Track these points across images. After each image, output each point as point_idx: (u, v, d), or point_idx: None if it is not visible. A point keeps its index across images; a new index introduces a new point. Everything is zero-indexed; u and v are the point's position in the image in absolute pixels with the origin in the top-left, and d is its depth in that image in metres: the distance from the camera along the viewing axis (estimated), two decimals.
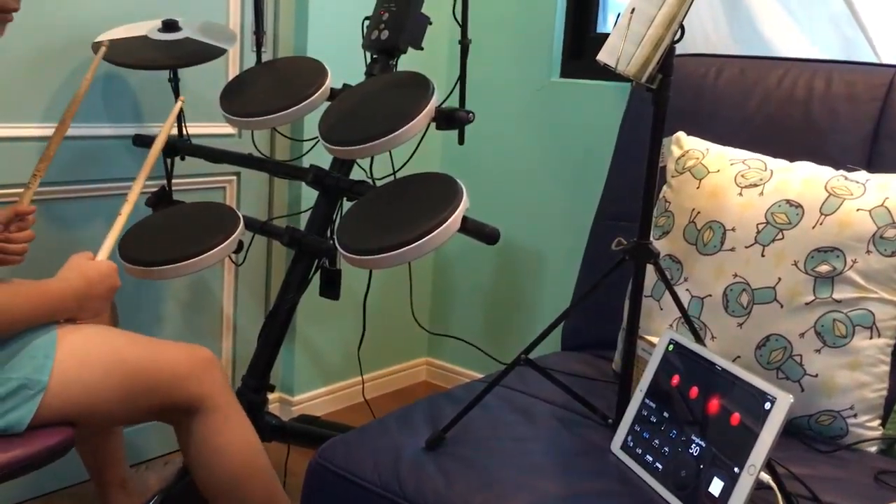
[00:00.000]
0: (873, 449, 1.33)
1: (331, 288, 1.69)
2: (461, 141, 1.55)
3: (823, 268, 1.33)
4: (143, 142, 1.83)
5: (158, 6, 1.83)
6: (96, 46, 1.66)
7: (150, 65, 1.71)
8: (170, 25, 1.74)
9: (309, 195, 2.09)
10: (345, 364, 2.38)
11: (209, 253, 1.50)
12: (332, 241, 1.64)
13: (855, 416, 1.32)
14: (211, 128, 1.97)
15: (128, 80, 1.86)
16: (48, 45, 1.71)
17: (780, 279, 1.36)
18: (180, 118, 1.81)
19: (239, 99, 1.68)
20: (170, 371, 1.29)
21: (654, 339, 1.37)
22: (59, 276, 1.29)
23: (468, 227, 1.34)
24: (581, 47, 2.30)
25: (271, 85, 1.71)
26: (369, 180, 1.75)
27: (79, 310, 1.29)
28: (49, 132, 1.53)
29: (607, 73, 1.19)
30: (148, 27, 1.76)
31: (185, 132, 1.82)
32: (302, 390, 2.32)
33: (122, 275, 1.44)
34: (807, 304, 1.33)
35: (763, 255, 1.38)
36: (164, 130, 1.57)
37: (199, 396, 1.31)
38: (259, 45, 1.81)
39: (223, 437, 1.34)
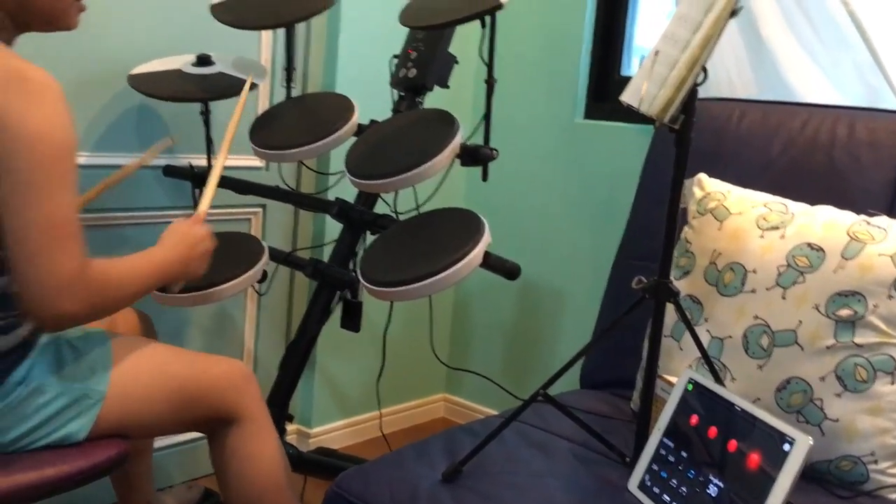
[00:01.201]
0: (894, 496, 1.31)
1: (352, 320, 1.70)
2: (485, 177, 1.57)
3: (845, 312, 1.33)
4: (174, 172, 1.87)
5: (193, 41, 1.88)
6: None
7: (182, 97, 1.75)
8: (203, 60, 1.79)
9: (332, 228, 2.12)
10: (363, 397, 2.39)
11: (235, 281, 1.53)
12: (354, 273, 1.67)
13: (876, 462, 1.31)
14: (239, 160, 2.01)
15: (160, 112, 1.91)
16: (85, 77, 1.76)
17: (800, 322, 1.36)
18: (209, 147, 1.85)
19: (268, 132, 1.72)
20: (213, 383, 1.33)
21: (673, 379, 1.37)
22: (163, 244, 1.33)
23: (490, 261, 1.36)
24: (605, 90, 2.32)
25: (300, 119, 1.74)
26: (393, 214, 1.77)
27: (184, 274, 1.35)
28: (82, 161, 1.57)
29: (630, 116, 1.21)
30: (182, 61, 1.80)
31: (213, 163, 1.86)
32: (320, 422, 2.33)
33: (149, 301, 1.47)
34: (828, 347, 1.33)
35: (784, 298, 1.38)
36: (238, 106, 1.60)
37: (237, 408, 1.35)
38: (289, 80, 1.85)
39: (254, 447, 1.37)
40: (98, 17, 1.74)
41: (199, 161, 1.90)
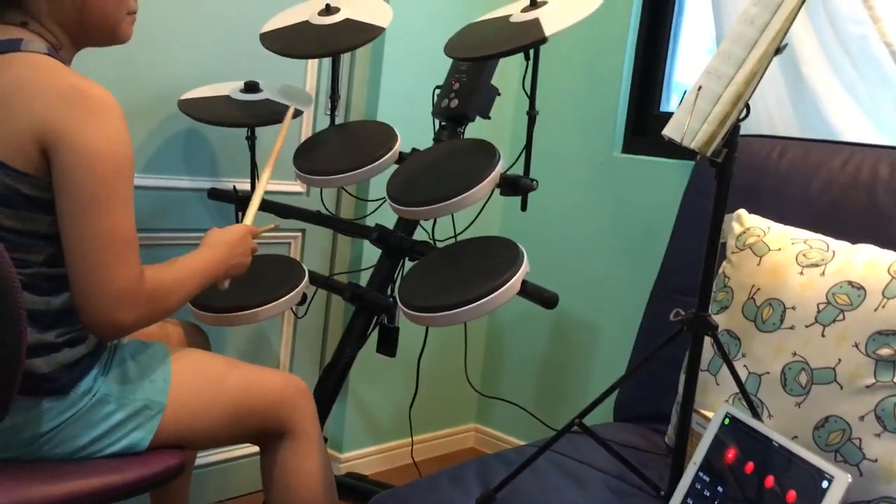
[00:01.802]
0: None
1: (388, 345, 1.72)
2: (524, 207, 1.59)
3: (885, 351, 1.32)
4: (218, 195, 1.91)
5: (242, 68, 1.93)
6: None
7: (229, 122, 1.79)
8: (251, 86, 1.84)
9: (370, 253, 2.15)
10: (394, 424, 2.39)
11: (275, 303, 1.55)
12: (392, 299, 1.68)
13: None
14: (281, 185, 2.05)
15: (207, 137, 1.95)
16: (138, 101, 1.82)
17: (840, 360, 1.35)
18: (254, 172, 1.89)
19: (312, 158, 1.75)
20: (268, 397, 1.35)
21: (709, 414, 1.37)
22: (205, 247, 1.36)
23: (528, 290, 1.37)
24: (643, 125, 2.34)
25: (343, 146, 1.78)
26: (431, 241, 1.79)
27: (227, 273, 1.38)
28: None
29: (668, 151, 1.22)
30: (230, 87, 1.85)
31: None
32: (351, 448, 2.34)
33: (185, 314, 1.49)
34: (867, 386, 1.32)
35: (823, 336, 1.37)
36: (281, 133, 1.64)
37: (290, 422, 1.37)
38: (333, 108, 1.89)
39: (302, 463, 1.38)
40: (152, 44, 1.80)
41: (244, 185, 1.94)
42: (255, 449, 1.47)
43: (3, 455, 1.18)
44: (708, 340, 1.28)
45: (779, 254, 1.50)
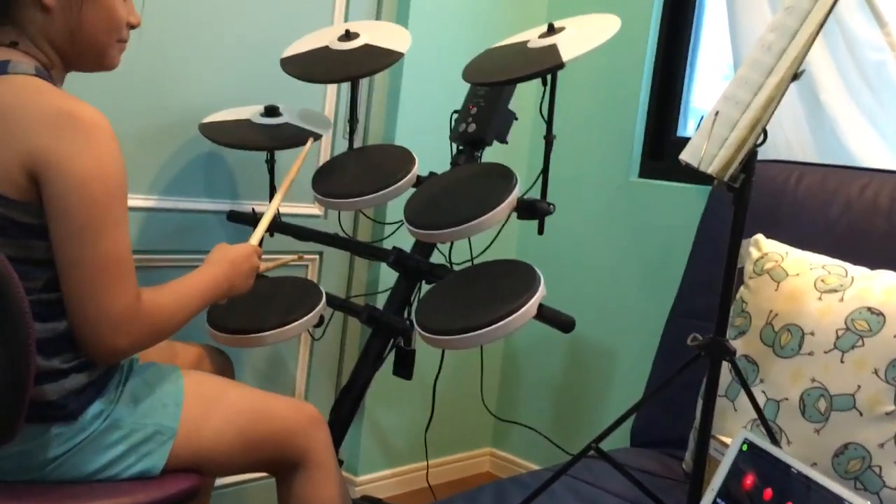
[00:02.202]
0: None
1: (405, 367, 1.72)
2: (541, 231, 1.60)
3: None
4: (237, 217, 1.93)
5: (262, 92, 1.96)
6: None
7: (250, 146, 1.81)
8: (271, 110, 1.86)
9: (386, 276, 2.16)
10: (410, 447, 2.39)
11: (293, 325, 1.56)
12: (408, 322, 1.69)
13: None
14: (298, 207, 2.07)
15: (227, 160, 1.98)
16: (158, 124, 1.84)
17: (859, 387, 1.34)
18: (272, 194, 1.91)
19: (330, 181, 1.77)
20: (282, 425, 1.33)
21: (727, 440, 1.36)
22: (208, 265, 1.35)
23: (544, 314, 1.37)
24: (660, 149, 2.34)
25: (361, 170, 1.79)
26: (448, 264, 1.80)
27: (230, 291, 1.36)
28: (152, 204, 1.63)
29: (685, 176, 1.23)
30: (251, 111, 1.88)
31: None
32: (366, 471, 2.33)
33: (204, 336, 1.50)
34: (887, 413, 1.31)
35: (842, 362, 1.37)
36: (298, 159, 1.66)
37: (305, 452, 1.34)
38: (352, 131, 1.91)
39: (321, 492, 1.36)
40: (175, 68, 1.83)
41: (262, 207, 1.95)
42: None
43: (15, 478, 1.17)
44: (726, 365, 1.28)
45: (797, 279, 1.50)
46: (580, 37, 1.52)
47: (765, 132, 1.18)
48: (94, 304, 1.10)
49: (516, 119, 1.85)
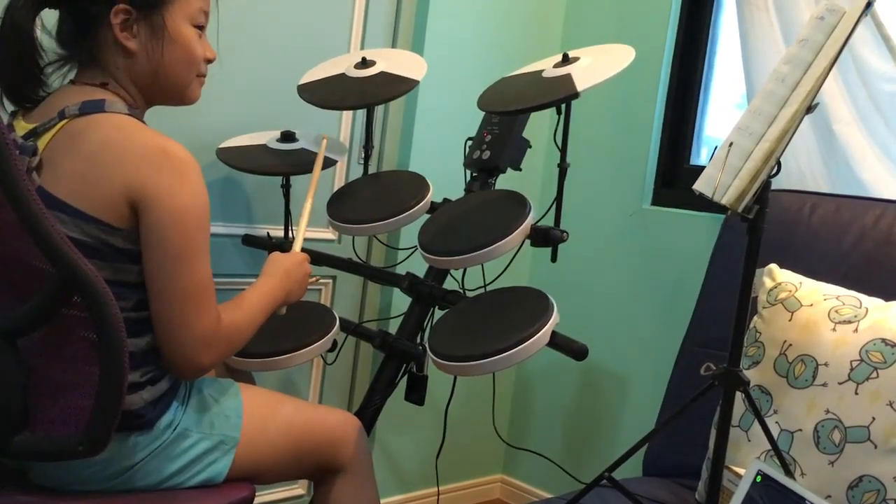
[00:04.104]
0: None
1: (417, 393, 1.72)
2: (554, 259, 1.60)
3: None
4: (252, 242, 1.95)
5: (279, 118, 1.98)
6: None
7: (267, 171, 1.83)
8: (288, 136, 1.88)
9: (399, 301, 2.16)
10: (421, 473, 2.38)
11: (307, 349, 1.57)
12: (421, 347, 1.69)
13: None
14: (312, 232, 2.08)
15: (243, 184, 2.00)
16: None
17: (874, 419, 1.33)
18: (287, 219, 1.93)
19: (345, 207, 1.78)
20: (329, 434, 1.41)
21: (740, 470, 1.35)
22: (266, 276, 1.42)
23: (557, 341, 1.37)
24: (673, 177, 2.35)
25: (376, 195, 1.81)
26: (461, 290, 1.80)
27: (286, 299, 1.43)
28: None
29: (698, 204, 1.23)
30: (268, 137, 1.90)
31: (290, 234, 1.93)
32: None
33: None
34: None
35: (857, 393, 1.36)
36: (318, 158, 1.71)
37: (347, 459, 1.42)
38: (367, 157, 1.93)
39: (359, 498, 1.44)
40: None
41: (277, 231, 1.97)
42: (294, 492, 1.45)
43: (90, 487, 1.23)
44: (739, 395, 1.27)
45: (811, 309, 1.49)
46: (595, 67, 1.53)
47: (779, 163, 1.19)
48: (183, 327, 1.19)
49: (530, 146, 1.86)
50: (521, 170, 1.86)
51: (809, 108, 1.17)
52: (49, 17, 1.29)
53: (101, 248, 1.16)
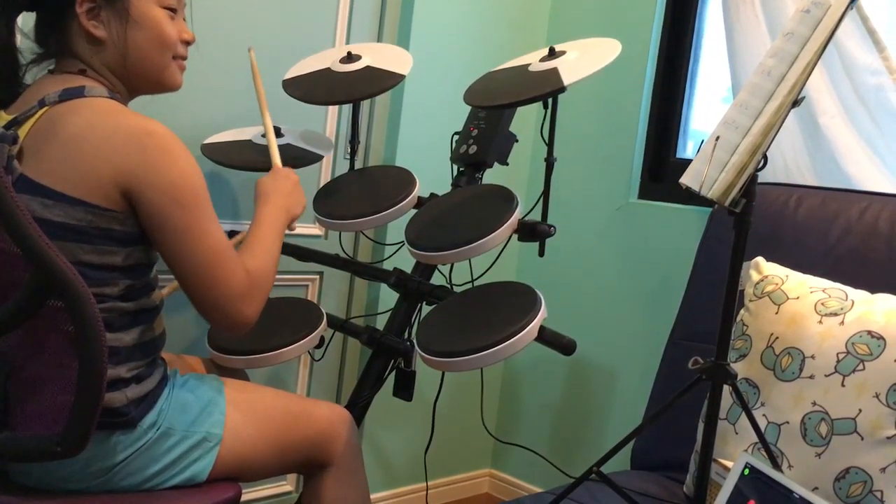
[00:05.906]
0: None
1: (405, 389, 1.72)
2: (541, 253, 1.60)
3: None
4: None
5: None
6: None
7: (252, 166, 1.82)
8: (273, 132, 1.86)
9: (387, 297, 2.16)
10: (409, 468, 2.38)
11: (294, 346, 1.56)
12: (409, 343, 1.69)
13: None
14: (299, 228, 2.06)
15: (230, 181, 1.98)
16: None
17: (860, 411, 1.34)
18: None
19: (331, 202, 1.77)
20: (316, 428, 1.39)
21: (728, 463, 1.35)
22: (263, 204, 1.43)
23: (545, 336, 1.37)
24: (660, 171, 2.35)
25: (362, 191, 1.80)
26: (448, 286, 1.80)
27: (289, 215, 1.46)
28: None
29: (685, 197, 1.23)
30: (253, 132, 1.88)
31: None
32: None
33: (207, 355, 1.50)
34: (888, 438, 1.31)
35: (843, 385, 1.37)
36: (254, 71, 1.70)
37: (336, 453, 1.40)
38: (353, 152, 1.92)
39: (348, 492, 1.42)
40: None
41: None
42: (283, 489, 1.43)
43: (71, 486, 1.21)
44: (727, 388, 1.28)
45: (797, 302, 1.50)
46: (581, 61, 1.53)
47: (765, 157, 1.19)
48: (215, 290, 1.21)
49: (517, 141, 1.86)
50: (507, 164, 1.86)
51: (795, 102, 1.17)
52: (28, 21, 1.28)
53: (88, 230, 1.15)
